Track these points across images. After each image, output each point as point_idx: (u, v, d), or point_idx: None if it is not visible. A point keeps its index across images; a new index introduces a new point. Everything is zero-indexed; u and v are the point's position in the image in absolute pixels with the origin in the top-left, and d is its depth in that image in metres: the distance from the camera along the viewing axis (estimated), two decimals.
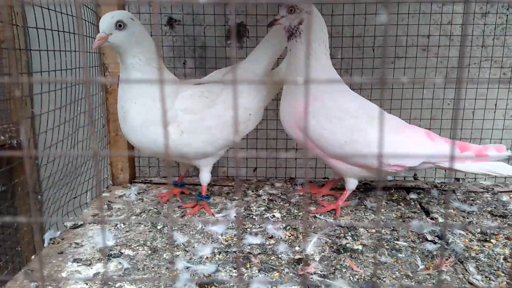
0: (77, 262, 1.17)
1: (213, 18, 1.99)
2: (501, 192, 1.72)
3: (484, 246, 1.27)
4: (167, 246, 1.27)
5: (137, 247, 1.26)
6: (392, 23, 1.95)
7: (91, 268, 1.15)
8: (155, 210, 1.54)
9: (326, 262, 1.18)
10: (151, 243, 1.29)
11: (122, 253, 1.23)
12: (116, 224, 1.40)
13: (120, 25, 1.29)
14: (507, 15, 2.00)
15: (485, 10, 1.99)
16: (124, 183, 1.82)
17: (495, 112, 2.02)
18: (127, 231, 1.37)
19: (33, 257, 1.20)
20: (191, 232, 1.36)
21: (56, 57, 1.49)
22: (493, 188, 1.76)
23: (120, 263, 1.17)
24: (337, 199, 1.55)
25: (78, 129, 1.65)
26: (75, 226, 1.39)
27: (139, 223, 1.42)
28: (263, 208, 1.55)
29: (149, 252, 1.24)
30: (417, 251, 1.24)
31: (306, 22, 1.39)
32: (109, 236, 1.31)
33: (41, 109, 1.49)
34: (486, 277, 1.11)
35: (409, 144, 1.45)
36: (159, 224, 1.42)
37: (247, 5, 2.05)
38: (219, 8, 2.00)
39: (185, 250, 1.24)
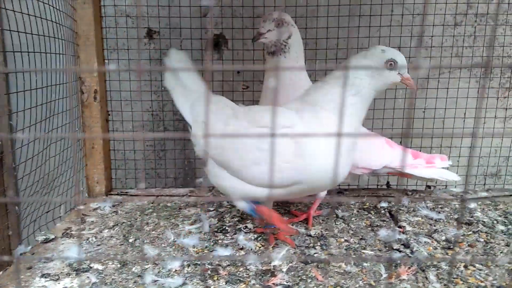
0: (45, 277, 1.18)
1: (190, 32, 2.02)
2: (469, 199, 1.76)
3: (447, 254, 1.31)
4: (137, 260, 1.29)
5: (107, 261, 1.28)
6: (365, 35, 2.00)
7: (59, 284, 1.15)
8: (128, 223, 1.55)
9: (293, 273, 1.20)
10: (121, 257, 1.30)
11: (91, 267, 1.24)
12: (88, 238, 1.41)
13: None
14: (475, 27, 2.06)
15: (456, 21, 2.05)
16: (100, 195, 1.83)
17: (464, 120, 2.07)
18: (99, 245, 1.38)
19: (0, 272, 1.20)
20: (163, 245, 1.38)
21: (37, 74, 1.49)
22: (461, 196, 1.80)
23: (88, 277, 1.18)
24: (309, 208, 1.58)
25: (54, 142, 1.66)
26: (46, 241, 1.39)
27: (111, 237, 1.43)
28: (236, 219, 1.57)
29: (119, 266, 1.25)
30: (382, 260, 1.27)
31: (295, 36, 1.43)
32: (79, 250, 1.31)
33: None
34: (444, 285, 1.14)
35: (375, 150, 1.55)
36: (131, 237, 1.43)
37: (223, 18, 2.09)
38: (196, 21, 2.03)
39: (155, 263, 1.26)
